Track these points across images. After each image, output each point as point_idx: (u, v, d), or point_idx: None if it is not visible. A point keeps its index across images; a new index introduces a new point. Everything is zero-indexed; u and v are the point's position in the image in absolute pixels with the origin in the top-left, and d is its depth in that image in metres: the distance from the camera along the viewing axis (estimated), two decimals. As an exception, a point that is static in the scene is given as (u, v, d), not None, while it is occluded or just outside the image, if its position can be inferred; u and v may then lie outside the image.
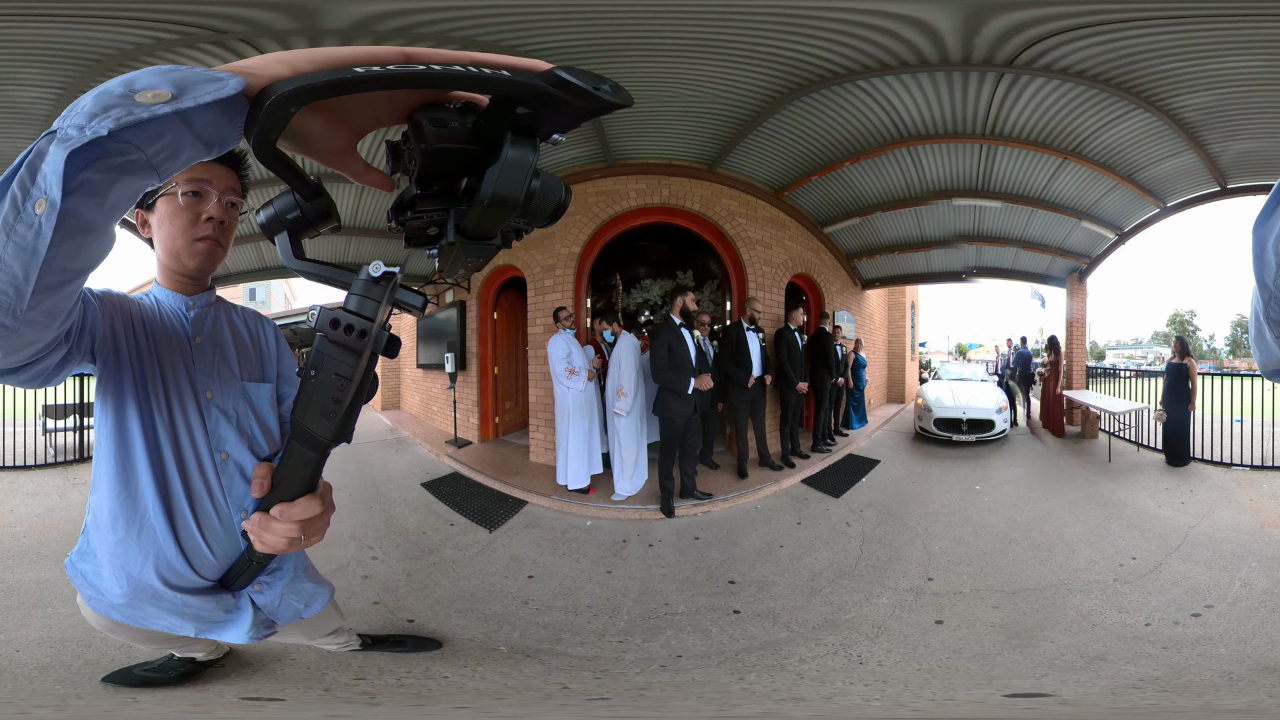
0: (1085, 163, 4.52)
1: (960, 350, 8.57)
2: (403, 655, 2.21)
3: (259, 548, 0.74)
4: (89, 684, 1.90)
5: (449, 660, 2.22)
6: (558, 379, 4.45)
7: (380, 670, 2.07)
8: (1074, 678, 2.10)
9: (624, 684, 2.08)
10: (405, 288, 0.59)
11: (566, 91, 0.39)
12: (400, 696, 1.92)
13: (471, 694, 1.98)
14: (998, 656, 2.30)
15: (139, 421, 1.14)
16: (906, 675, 2.17)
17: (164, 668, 1.92)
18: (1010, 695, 1.99)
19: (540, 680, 2.09)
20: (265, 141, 0.40)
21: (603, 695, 1.98)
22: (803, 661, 2.29)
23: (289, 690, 1.92)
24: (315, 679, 1.98)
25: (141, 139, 0.39)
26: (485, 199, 0.42)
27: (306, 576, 1.40)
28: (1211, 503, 4.09)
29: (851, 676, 2.18)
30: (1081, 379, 6.30)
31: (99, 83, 0.41)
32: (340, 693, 1.92)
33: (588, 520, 3.94)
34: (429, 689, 1.99)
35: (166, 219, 1.20)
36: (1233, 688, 2.00)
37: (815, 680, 2.14)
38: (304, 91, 0.38)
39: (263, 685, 1.93)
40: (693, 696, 1.96)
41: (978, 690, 2.03)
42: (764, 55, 3.31)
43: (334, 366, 0.56)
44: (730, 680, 2.12)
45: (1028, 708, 1.91)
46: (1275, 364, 0.50)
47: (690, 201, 4.98)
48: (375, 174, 0.51)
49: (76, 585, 1.26)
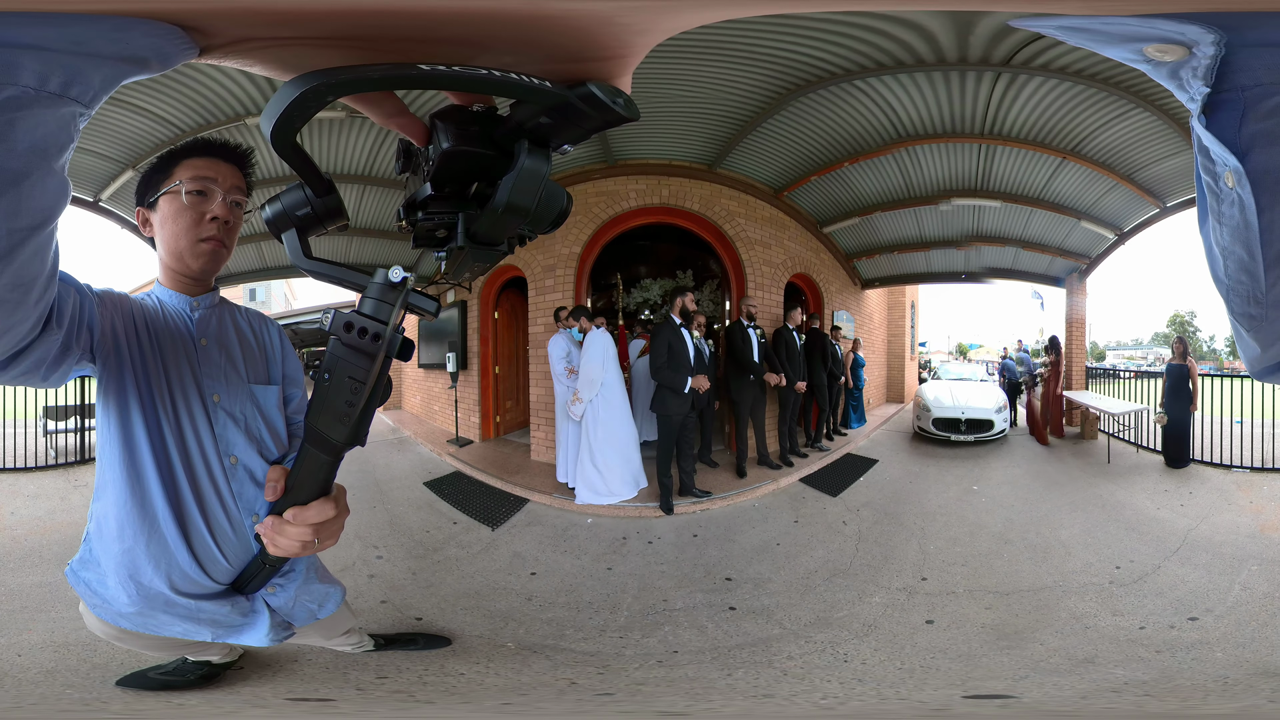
0: (1084, 162, 4.52)
1: (961, 350, 8.58)
2: (415, 653, 2.21)
3: (272, 551, 0.74)
4: (103, 688, 1.87)
5: (460, 657, 2.23)
6: (558, 378, 4.47)
7: (399, 669, 2.07)
8: (1053, 680, 2.08)
9: (624, 679, 2.10)
10: (418, 292, 0.59)
11: (590, 105, 0.39)
12: (430, 694, 1.92)
13: (492, 690, 1.99)
14: (981, 657, 2.29)
15: (144, 426, 1.11)
16: (885, 674, 2.18)
17: (180, 671, 1.88)
18: (969, 696, 1.98)
19: (550, 675, 2.11)
20: (287, 131, 0.38)
21: (606, 690, 1.99)
22: (790, 659, 2.31)
23: (324, 690, 1.91)
24: (342, 679, 1.97)
25: (12, 73, 0.33)
26: (499, 206, 0.42)
27: (318, 578, 1.40)
28: (1211, 505, 4.06)
29: (830, 674, 2.19)
30: (1081, 380, 6.29)
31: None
32: (374, 692, 1.91)
33: (588, 518, 3.96)
34: (450, 686, 2.00)
35: (169, 218, 1.16)
36: (1226, 692, 1.98)
37: (796, 677, 2.15)
38: (354, 84, 0.36)
39: (293, 687, 1.92)
40: (680, 692, 1.98)
41: (943, 691, 2.03)
42: (763, 56, 3.33)
43: (348, 370, 0.56)
44: (718, 676, 2.14)
45: (980, 709, 1.90)
46: (1257, 361, 0.49)
47: (690, 202, 5.00)
48: (407, 117, 0.46)
49: (80, 594, 1.23)
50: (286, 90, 0.37)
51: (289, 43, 0.39)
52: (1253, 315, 0.44)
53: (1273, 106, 0.38)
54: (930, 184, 5.07)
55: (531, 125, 0.41)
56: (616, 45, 0.41)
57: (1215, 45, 0.36)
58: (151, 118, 3.73)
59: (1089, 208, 5.22)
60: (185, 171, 1.16)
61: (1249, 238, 0.41)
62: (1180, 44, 0.37)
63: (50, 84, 0.35)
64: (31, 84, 0.34)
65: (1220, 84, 0.38)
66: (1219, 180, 0.41)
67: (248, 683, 1.92)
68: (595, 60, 0.41)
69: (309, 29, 0.38)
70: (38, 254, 0.43)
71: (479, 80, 0.38)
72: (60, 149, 0.38)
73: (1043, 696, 1.97)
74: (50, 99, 0.35)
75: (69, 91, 0.35)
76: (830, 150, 4.54)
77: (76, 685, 1.90)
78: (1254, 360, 0.49)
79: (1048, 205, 5.21)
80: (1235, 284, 0.44)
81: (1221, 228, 0.43)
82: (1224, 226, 0.43)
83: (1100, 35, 0.39)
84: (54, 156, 0.38)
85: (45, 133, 0.36)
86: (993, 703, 1.93)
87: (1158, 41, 0.38)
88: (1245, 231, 0.41)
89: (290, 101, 0.36)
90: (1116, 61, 0.42)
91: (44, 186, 0.39)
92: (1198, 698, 1.95)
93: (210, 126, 3.80)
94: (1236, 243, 0.42)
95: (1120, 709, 1.87)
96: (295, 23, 0.37)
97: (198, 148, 1.20)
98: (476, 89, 0.38)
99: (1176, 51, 0.38)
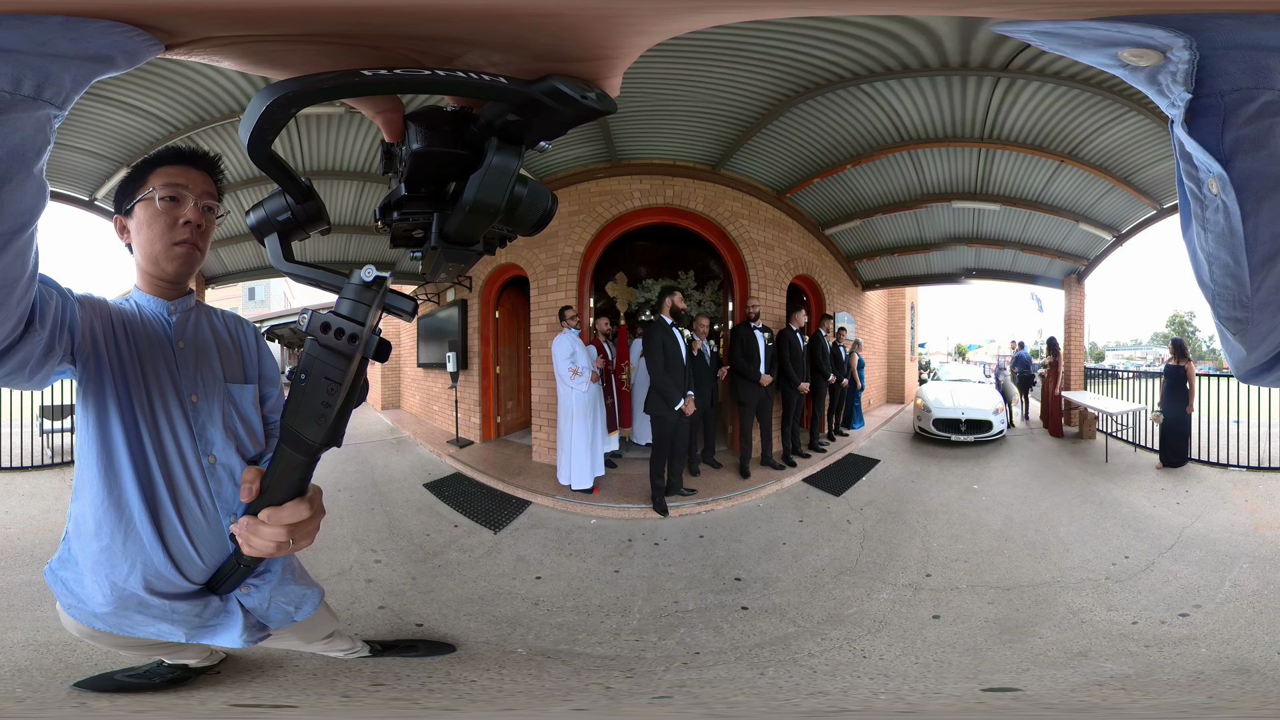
0: (1082, 165, 4.56)
1: (960, 351, 8.61)
2: (417, 660, 2.17)
3: (247, 551, 0.74)
4: (59, 689, 1.85)
5: (467, 664, 2.20)
6: (561, 379, 4.47)
7: (397, 676, 2.04)
8: (1050, 673, 2.13)
9: (655, 683, 2.08)
10: (395, 292, 0.59)
11: (557, 100, 0.39)
12: (442, 701, 1.90)
13: (507, 696, 1.96)
14: (987, 651, 2.35)
15: (122, 427, 1.13)
16: (905, 668, 2.22)
17: (150, 674, 1.87)
18: (987, 690, 2.03)
19: (575, 680, 2.08)
20: (261, 142, 0.39)
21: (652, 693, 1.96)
22: (812, 656, 2.33)
23: (303, 698, 1.87)
24: (328, 685, 1.94)
25: None
26: (466, 205, 0.42)
27: (294, 579, 1.39)
28: (1207, 503, 4.12)
29: (856, 670, 2.22)
30: (1080, 380, 6.35)
31: None
32: (366, 699, 1.88)
33: (592, 519, 3.96)
34: (461, 692, 1.98)
35: (144, 224, 1.20)
36: (1194, 687, 2.03)
37: (826, 674, 2.18)
38: (308, 95, 0.37)
39: (262, 692, 1.88)
40: (730, 692, 1.97)
41: (962, 684, 2.07)
42: (768, 58, 3.34)
43: (324, 370, 0.56)
44: (752, 676, 2.15)
45: (998, 703, 1.94)
46: (1242, 364, 0.49)
47: (693, 202, 5.01)
48: (391, 114, 0.46)
49: (56, 593, 1.25)
50: (255, 104, 0.38)
51: (256, 40, 0.39)
52: (1238, 319, 0.44)
53: (1253, 111, 0.37)
54: (931, 187, 5.11)
55: (500, 123, 0.41)
56: (607, 45, 0.40)
57: (1188, 49, 0.36)
58: (144, 115, 3.70)
59: (1087, 210, 5.27)
60: (158, 179, 1.21)
61: (1234, 244, 0.40)
62: (1153, 48, 0.37)
63: (24, 87, 0.35)
64: (6, 88, 0.34)
65: (1200, 89, 0.37)
66: (1202, 186, 0.41)
67: (214, 688, 1.88)
68: (584, 60, 0.40)
69: (275, 27, 0.38)
70: (19, 257, 0.44)
71: (427, 82, 0.37)
72: (38, 152, 0.38)
73: (1042, 690, 2.01)
74: (25, 102, 0.35)
75: (42, 94, 0.36)
76: (833, 153, 4.57)
77: (35, 685, 1.89)
78: (1239, 363, 0.49)
79: (1046, 208, 5.26)
80: (1220, 289, 0.44)
81: (1206, 233, 0.43)
82: (1208, 232, 0.42)
83: (1074, 41, 0.39)
84: (32, 160, 0.38)
85: (23, 137, 0.37)
86: (1007, 695, 1.96)
87: (1130, 46, 0.37)
88: (1230, 238, 0.41)
89: (259, 116, 0.37)
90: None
91: (23, 190, 0.39)
92: (1171, 693, 1.99)
93: (204, 123, 3.77)
94: (1221, 248, 0.42)
95: (1106, 704, 1.90)
96: (260, 22, 0.37)
97: (169, 156, 1.24)
98: (425, 90, 0.38)
99: (1152, 56, 0.37)
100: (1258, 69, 0.37)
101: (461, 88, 0.38)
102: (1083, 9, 0.37)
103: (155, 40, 0.37)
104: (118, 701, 1.81)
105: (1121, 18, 0.36)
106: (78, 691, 1.84)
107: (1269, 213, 0.39)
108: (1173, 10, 0.36)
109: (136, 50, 0.37)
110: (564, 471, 4.47)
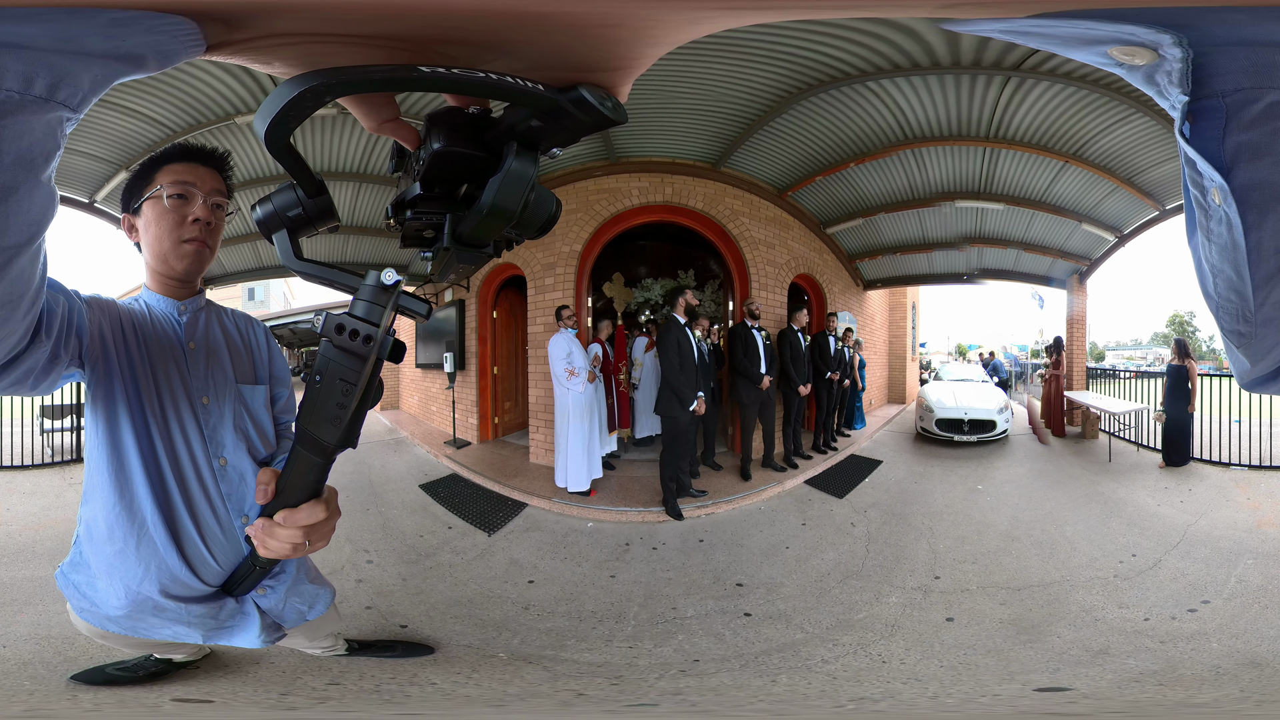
0: (1086, 166, 4.55)
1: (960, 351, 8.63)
2: (390, 660, 2.16)
3: (263, 553, 0.73)
4: (57, 682, 1.90)
5: (441, 667, 2.18)
6: (558, 379, 4.42)
7: (360, 675, 2.03)
8: (1082, 671, 2.15)
9: (644, 690, 2.06)
10: (409, 293, 0.59)
11: (580, 109, 0.39)
12: (371, 703, 1.89)
13: (461, 701, 1.94)
14: (1010, 651, 2.35)
15: (132, 430, 1.12)
16: (933, 672, 2.21)
17: (136, 667, 1.90)
18: (1039, 690, 2.04)
19: (547, 687, 2.07)
20: (282, 131, 0.38)
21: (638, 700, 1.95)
22: (826, 662, 2.30)
23: (220, 693, 1.88)
24: (282, 682, 1.94)
25: None
26: (484, 208, 0.42)
27: (308, 579, 1.40)
28: (1210, 501, 4.13)
29: (880, 675, 2.20)
30: (1082, 380, 6.34)
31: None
32: (299, 695, 1.88)
33: (589, 522, 3.91)
34: (409, 695, 1.96)
35: (153, 222, 1.19)
36: (1216, 681, 2.06)
37: (846, 679, 2.16)
38: (353, 85, 0.36)
39: (217, 688, 1.90)
40: (734, 699, 1.96)
41: (1005, 685, 2.08)
42: (770, 55, 3.30)
43: (339, 372, 0.56)
44: (763, 683, 2.12)
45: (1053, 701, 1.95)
46: (1246, 374, 0.48)
47: (693, 200, 4.97)
48: (399, 123, 0.46)
49: (67, 596, 1.24)
50: (284, 89, 0.36)
51: (307, 39, 0.37)
52: (1242, 333, 0.43)
53: (1256, 114, 0.34)
54: (935, 186, 5.08)
55: (522, 128, 0.42)
56: (628, 55, 0.40)
57: (1179, 46, 0.33)
58: (141, 119, 3.70)
59: (1090, 210, 5.26)
60: (166, 176, 1.20)
61: (1236, 258, 0.39)
62: (1142, 45, 0.33)
63: (35, 87, 0.32)
64: (15, 87, 0.31)
65: (1199, 90, 0.34)
66: (1206, 195, 0.39)
67: (170, 683, 1.91)
68: (605, 69, 0.41)
69: (334, 25, 0.36)
70: (27, 269, 0.41)
71: (477, 83, 0.38)
72: (47, 158, 0.35)
73: (1088, 688, 2.04)
74: (36, 103, 0.32)
75: (56, 95, 0.33)
76: (836, 151, 4.53)
77: (38, 678, 1.94)
78: (1243, 374, 0.49)
79: (1050, 208, 5.24)
80: (1224, 302, 0.43)
81: (1210, 245, 0.41)
82: (1212, 244, 0.41)
83: (1044, 38, 0.36)
84: (40, 167, 0.35)
85: (31, 141, 0.33)
86: (1061, 696, 1.98)
87: (1113, 44, 0.34)
88: (1233, 252, 0.39)
89: (287, 101, 0.36)
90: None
91: (31, 200, 0.36)
92: (1196, 688, 2.03)
93: (200, 126, 3.76)
94: (1225, 262, 0.40)
95: (1154, 700, 1.91)
96: (322, 16, 0.36)
97: (177, 154, 1.23)
98: (474, 92, 0.39)
99: (1145, 54, 0.34)
100: (1262, 67, 0.33)
101: (507, 92, 0.39)
102: (1033, 4, 0.33)
103: (200, 39, 0.35)
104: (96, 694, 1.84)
105: (1088, 13, 0.32)
106: (73, 684, 1.88)
107: (1273, 226, 0.36)
108: (1161, 5, 0.32)
109: (174, 51, 0.35)
110: (561, 473, 4.43)
